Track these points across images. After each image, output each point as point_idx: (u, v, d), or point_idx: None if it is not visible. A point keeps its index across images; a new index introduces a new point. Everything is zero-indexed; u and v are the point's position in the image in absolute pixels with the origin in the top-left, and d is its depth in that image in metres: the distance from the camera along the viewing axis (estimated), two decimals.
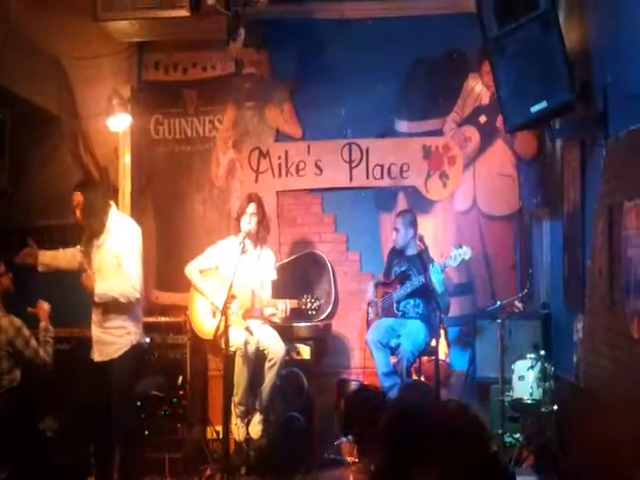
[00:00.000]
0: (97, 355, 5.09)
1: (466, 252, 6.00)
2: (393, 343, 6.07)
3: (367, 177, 7.11)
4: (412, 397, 2.55)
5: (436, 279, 5.90)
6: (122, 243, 5.06)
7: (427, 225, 6.80)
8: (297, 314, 6.07)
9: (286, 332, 6.22)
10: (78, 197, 5.11)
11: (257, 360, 5.86)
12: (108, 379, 5.00)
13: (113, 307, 5.03)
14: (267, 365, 5.84)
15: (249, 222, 5.95)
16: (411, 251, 6.27)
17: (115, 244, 5.06)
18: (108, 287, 4.98)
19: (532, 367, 5.56)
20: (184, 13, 5.95)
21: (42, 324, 5.43)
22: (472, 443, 2.37)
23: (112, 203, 5.24)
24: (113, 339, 5.03)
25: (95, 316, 5.11)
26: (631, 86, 4.21)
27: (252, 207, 5.98)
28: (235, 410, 5.79)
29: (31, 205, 6.95)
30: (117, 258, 5.04)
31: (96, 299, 5.00)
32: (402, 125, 7.11)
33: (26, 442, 5.23)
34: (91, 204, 5.08)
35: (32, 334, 5.30)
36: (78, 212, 5.11)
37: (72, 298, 5.66)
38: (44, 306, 5.50)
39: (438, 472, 2.34)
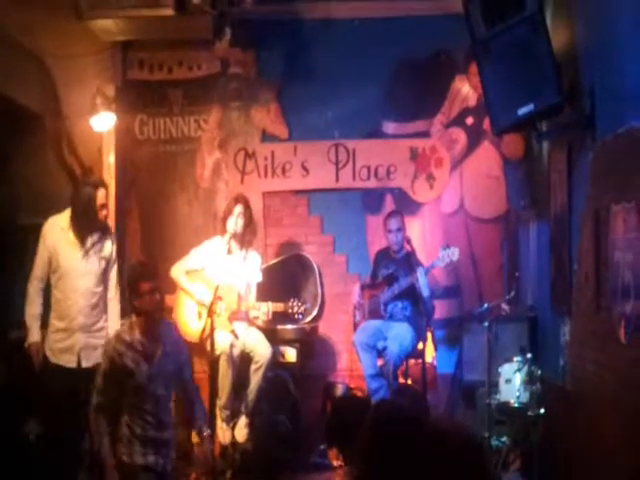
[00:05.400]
0: (84, 362, 5.06)
1: (454, 252, 5.97)
2: (380, 345, 6.03)
3: (354, 178, 7.07)
4: (399, 402, 2.52)
5: (422, 282, 5.87)
6: (110, 248, 5.14)
7: (414, 227, 6.78)
8: (283, 317, 6.03)
9: (272, 335, 6.18)
10: (104, 195, 5.03)
11: (243, 363, 5.82)
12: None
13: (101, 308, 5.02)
14: (253, 368, 5.80)
15: (235, 223, 5.90)
16: (399, 253, 6.24)
17: (106, 248, 5.09)
18: None
19: (519, 370, 5.54)
20: (169, 12, 5.86)
21: None
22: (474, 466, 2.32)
23: None
24: (100, 342, 5.00)
25: (82, 322, 5.06)
26: (618, 89, 4.20)
27: (239, 208, 5.93)
28: (220, 414, 5.75)
29: (14, 204, 6.86)
30: (105, 263, 5.11)
31: None
32: (389, 126, 7.07)
33: (8, 445, 5.17)
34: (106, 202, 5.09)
35: None
36: (106, 212, 5.06)
37: None
38: None
39: None
